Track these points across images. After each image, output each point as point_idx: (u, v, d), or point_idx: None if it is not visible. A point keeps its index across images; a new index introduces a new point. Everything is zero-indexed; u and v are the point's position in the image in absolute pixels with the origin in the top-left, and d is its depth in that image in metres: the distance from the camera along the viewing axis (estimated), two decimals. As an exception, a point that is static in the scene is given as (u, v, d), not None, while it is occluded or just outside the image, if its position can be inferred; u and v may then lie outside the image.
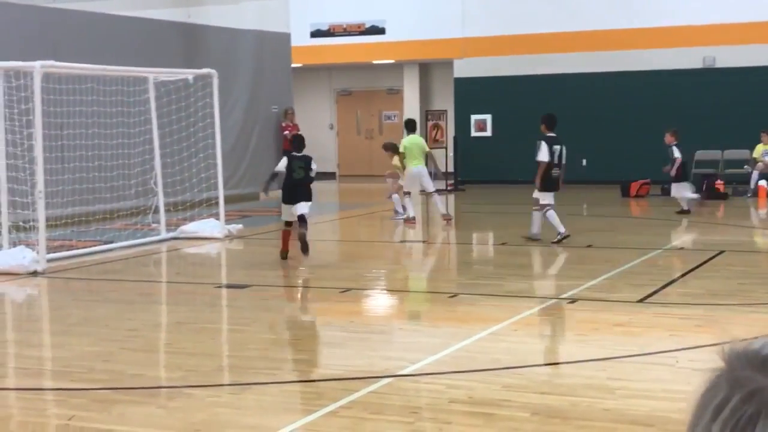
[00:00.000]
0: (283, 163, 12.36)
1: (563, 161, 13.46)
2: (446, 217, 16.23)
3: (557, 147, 13.40)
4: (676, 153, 17.19)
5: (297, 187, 12.14)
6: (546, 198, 13.36)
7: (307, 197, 12.27)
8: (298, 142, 12.61)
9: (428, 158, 16.43)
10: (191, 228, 14.68)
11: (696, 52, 22.40)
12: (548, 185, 13.36)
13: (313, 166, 12.32)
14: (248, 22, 20.71)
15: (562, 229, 13.20)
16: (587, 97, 22.89)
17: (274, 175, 12.76)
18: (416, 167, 16.13)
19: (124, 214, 15.27)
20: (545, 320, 8.37)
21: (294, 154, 12.43)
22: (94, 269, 12.07)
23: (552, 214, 13.29)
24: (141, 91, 15.18)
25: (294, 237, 12.15)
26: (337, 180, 27.99)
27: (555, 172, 13.36)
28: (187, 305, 9.70)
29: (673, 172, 17.22)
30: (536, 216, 13.46)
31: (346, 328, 8.30)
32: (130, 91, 15.48)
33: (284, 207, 12.33)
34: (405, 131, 16.83)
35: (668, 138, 17.41)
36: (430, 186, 16.45)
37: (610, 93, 22.60)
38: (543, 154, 13.31)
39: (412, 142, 16.37)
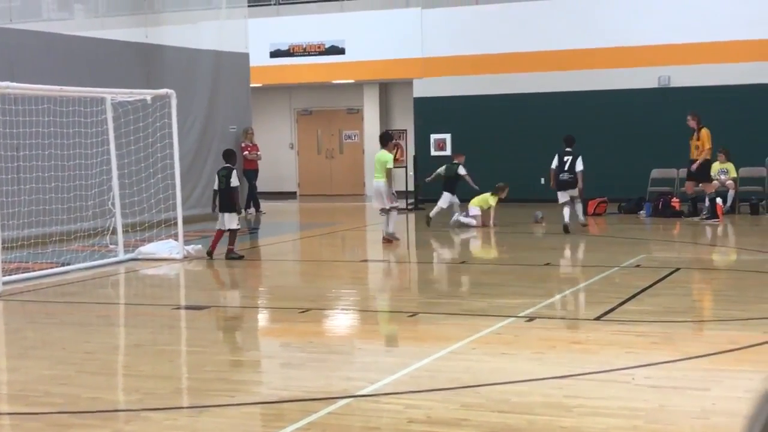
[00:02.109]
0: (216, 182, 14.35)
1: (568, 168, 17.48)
2: (388, 238, 16.05)
3: (567, 158, 17.55)
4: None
5: (217, 196, 14.24)
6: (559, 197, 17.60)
7: (228, 207, 14.18)
8: (227, 154, 14.63)
9: (387, 174, 16.33)
10: (149, 249, 14.59)
11: (651, 72, 22.71)
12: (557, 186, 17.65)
13: (233, 177, 14.16)
14: (206, 42, 20.68)
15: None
16: (545, 116, 23.10)
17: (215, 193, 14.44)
18: (375, 181, 16.18)
19: (82, 236, 15.14)
20: (504, 338, 8.41)
21: (224, 166, 14.39)
22: (51, 291, 11.95)
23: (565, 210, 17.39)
24: (98, 112, 15.10)
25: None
26: (298, 199, 27.97)
27: (562, 176, 17.58)
28: (145, 327, 9.63)
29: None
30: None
31: (305, 349, 8.28)
32: (87, 111, 15.39)
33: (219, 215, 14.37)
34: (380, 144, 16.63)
35: None
36: (382, 203, 16.19)
37: (567, 112, 22.83)
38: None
39: (376, 156, 16.37)
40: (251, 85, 22.77)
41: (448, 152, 24.58)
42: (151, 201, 16.49)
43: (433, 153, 24.65)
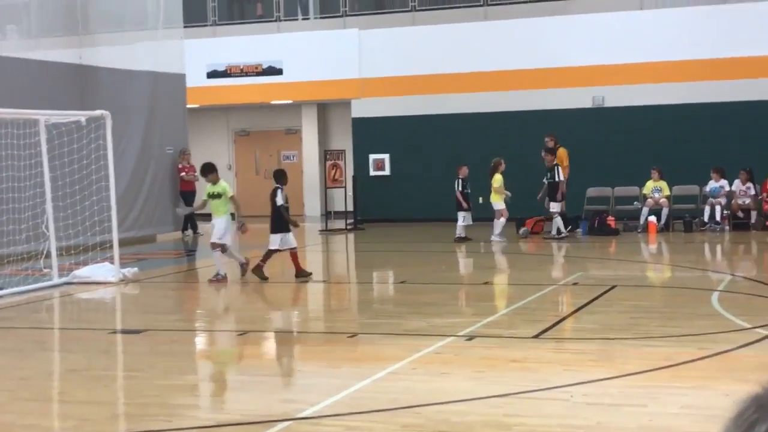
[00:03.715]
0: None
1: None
2: (215, 279, 14.23)
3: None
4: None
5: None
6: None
7: (272, 227, 14.36)
8: (275, 174, 14.94)
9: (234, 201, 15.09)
10: (84, 272, 14.36)
11: (586, 92, 23.04)
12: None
13: (277, 196, 14.31)
14: (142, 63, 20.49)
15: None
16: (483, 136, 23.28)
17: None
18: (227, 215, 14.78)
19: (15, 260, 14.85)
20: (443, 358, 8.42)
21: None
22: (-17, 317, 11.69)
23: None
24: (32, 134, 14.85)
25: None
26: (236, 220, 27.72)
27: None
28: (81, 352, 9.46)
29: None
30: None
31: (244, 372, 8.20)
32: (20, 133, 15.13)
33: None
34: (212, 174, 15.19)
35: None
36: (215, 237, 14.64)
37: (504, 132, 23.04)
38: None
39: (213, 189, 14.91)
40: (188, 106, 22.61)
41: (387, 172, 24.65)
42: (86, 224, 16.25)
43: (372, 173, 24.69)
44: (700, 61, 22.19)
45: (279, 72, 25.74)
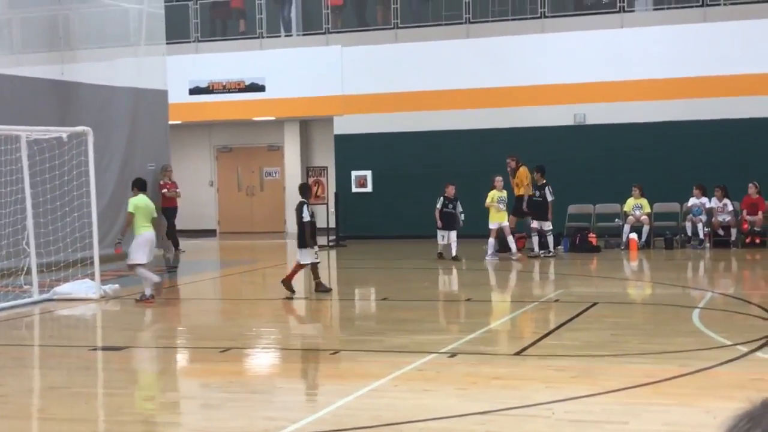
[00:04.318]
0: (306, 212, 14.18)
1: None
2: (146, 301, 13.61)
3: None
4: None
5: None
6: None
7: (300, 242, 14.23)
8: (300, 188, 15.06)
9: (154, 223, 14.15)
10: (65, 289, 14.28)
11: (567, 109, 23.15)
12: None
13: (304, 211, 14.12)
14: (124, 80, 20.45)
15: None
16: (465, 153, 23.34)
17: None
18: (148, 231, 13.88)
19: (-5, 276, 14.76)
20: (425, 375, 8.41)
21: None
22: (-38, 334, 11.60)
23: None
24: (13, 150, 14.79)
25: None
26: (218, 237, 27.72)
27: None
28: (61, 369, 9.41)
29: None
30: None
31: (225, 389, 8.17)
32: (1, 149, 15.07)
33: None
34: (133, 190, 14.42)
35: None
36: (146, 256, 13.84)
37: (486, 149, 23.10)
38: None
39: (135, 203, 13.94)
40: (170, 123, 22.57)
41: (369, 189, 24.67)
42: (67, 240, 16.17)
43: (354, 190, 24.70)
44: (680, 79, 22.35)
45: (261, 89, 25.76)
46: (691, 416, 6.83)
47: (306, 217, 14.16)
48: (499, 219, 18.90)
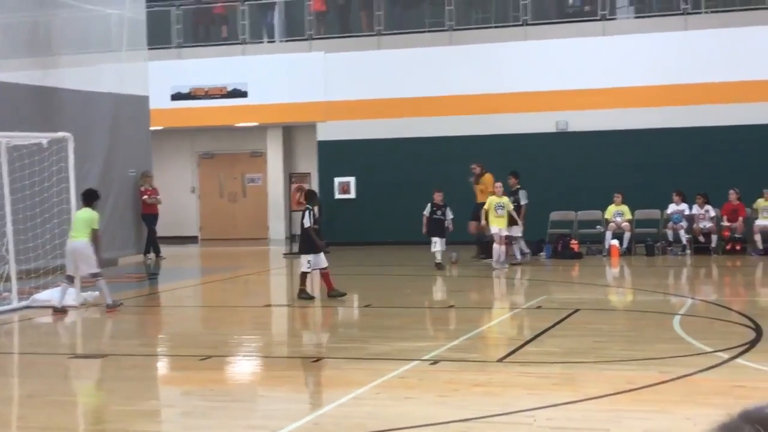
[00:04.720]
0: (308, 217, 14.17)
1: None
2: (56, 312, 13.30)
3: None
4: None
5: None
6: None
7: (300, 248, 14.40)
8: (306, 195, 15.21)
9: (94, 237, 13.70)
10: (45, 296, 14.17)
11: (550, 116, 23.22)
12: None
13: (305, 217, 14.12)
14: (106, 85, 20.36)
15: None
16: (448, 159, 23.35)
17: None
18: (70, 241, 13.69)
19: (-26, 283, 14.64)
20: (408, 382, 8.39)
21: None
22: (-60, 341, 11.51)
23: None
24: (-7, 156, 14.67)
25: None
26: (199, 244, 27.62)
27: None
28: (40, 377, 9.33)
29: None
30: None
31: (206, 397, 8.13)
32: (-20, 155, 14.95)
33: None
34: (81, 202, 14.10)
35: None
36: (89, 267, 13.57)
37: (469, 156, 23.10)
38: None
39: (77, 214, 13.91)
40: (152, 129, 22.50)
41: (352, 195, 24.66)
42: (47, 247, 16.05)
43: (338, 196, 24.68)
44: (661, 87, 22.46)
45: (244, 94, 25.72)
46: (672, 423, 6.84)
47: (307, 223, 14.16)
48: (498, 224, 18.45)
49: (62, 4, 20.09)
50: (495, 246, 18.35)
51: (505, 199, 18.66)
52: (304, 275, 14.37)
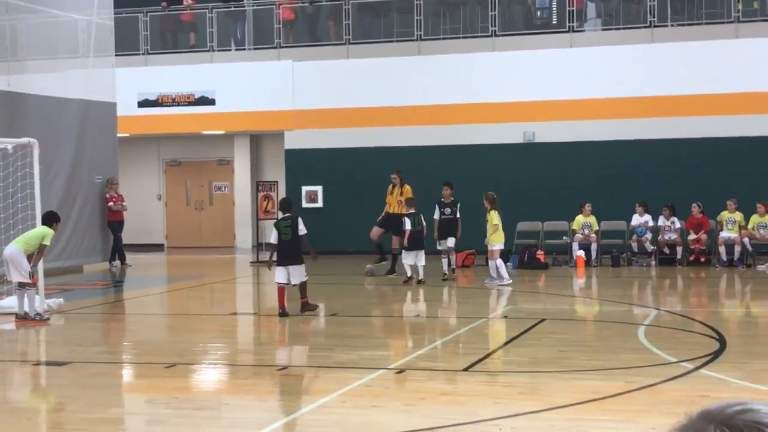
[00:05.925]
0: (274, 234, 13.57)
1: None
2: (19, 320, 13.11)
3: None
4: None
5: (277, 249, 13.46)
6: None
7: (298, 258, 13.59)
8: (286, 204, 14.45)
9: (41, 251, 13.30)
10: (7, 303, 14.02)
11: (517, 127, 23.32)
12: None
13: (300, 225, 13.55)
14: (73, 91, 20.21)
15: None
16: (415, 169, 23.34)
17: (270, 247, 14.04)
18: (9, 248, 13.35)
19: (-65, 289, 14.46)
20: (373, 391, 8.38)
21: (283, 216, 13.87)
22: None
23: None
24: (-44, 161, 14.53)
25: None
26: (165, 252, 27.45)
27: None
28: (2, 385, 9.22)
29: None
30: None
31: (170, 405, 8.07)
32: (-57, 160, 14.80)
33: (278, 269, 13.44)
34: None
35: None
36: (19, 276, 13.07)
37: (435, 166, 23.16)
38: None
39: (35, 231, 13.59)
40: (118, 135, 22.35)
41: (320, 204, 24.62)
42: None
43: (305, 205, 24.62)
44: (628, 99, 22.64)
45: (211, 102, 25.61)
46: (637, 432, 6.88)
47: (303, 230, 13.64)
48: (496, 240, 17.84)
49: (29, 9, 19.94)
50: (491, 261, 17.87)
51: (492, 213, 18.09)
52: (303, 285, 13.97)
